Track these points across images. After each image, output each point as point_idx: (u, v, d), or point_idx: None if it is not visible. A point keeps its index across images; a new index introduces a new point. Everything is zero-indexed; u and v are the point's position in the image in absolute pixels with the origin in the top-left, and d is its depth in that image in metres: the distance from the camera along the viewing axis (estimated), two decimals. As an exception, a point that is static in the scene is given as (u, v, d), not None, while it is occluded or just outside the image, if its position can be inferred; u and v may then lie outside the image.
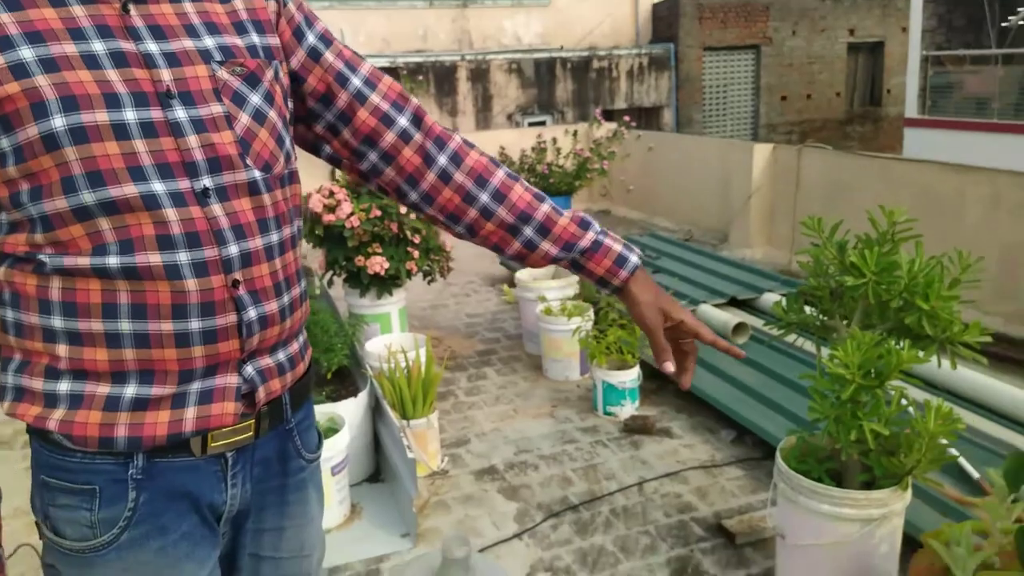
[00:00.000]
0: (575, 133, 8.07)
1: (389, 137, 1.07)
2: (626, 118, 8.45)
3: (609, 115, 10.30)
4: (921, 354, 2.05)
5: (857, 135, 13.73)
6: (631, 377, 3.27)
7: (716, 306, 4.19)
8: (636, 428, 3.12)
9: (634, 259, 1.15)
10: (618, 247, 1.15)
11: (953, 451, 2.44)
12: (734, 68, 13.29)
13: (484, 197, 1.11)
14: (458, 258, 4.81)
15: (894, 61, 12.85)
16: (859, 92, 14.08)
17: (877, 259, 2.06)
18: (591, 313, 3.66)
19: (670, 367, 1.16)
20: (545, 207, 1.13)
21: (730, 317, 3.89)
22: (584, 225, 1.15)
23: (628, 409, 3.27)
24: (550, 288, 4.00)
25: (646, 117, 12.32)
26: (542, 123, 10.92)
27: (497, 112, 11.34)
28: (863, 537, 1.91)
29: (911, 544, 1.87)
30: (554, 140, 7.81)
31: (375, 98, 1.06)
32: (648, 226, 7.42)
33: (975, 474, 2.42)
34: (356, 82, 1.05)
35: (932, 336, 2.05)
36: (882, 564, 1.93)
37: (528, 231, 1.13)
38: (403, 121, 1.07)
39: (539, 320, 3.77)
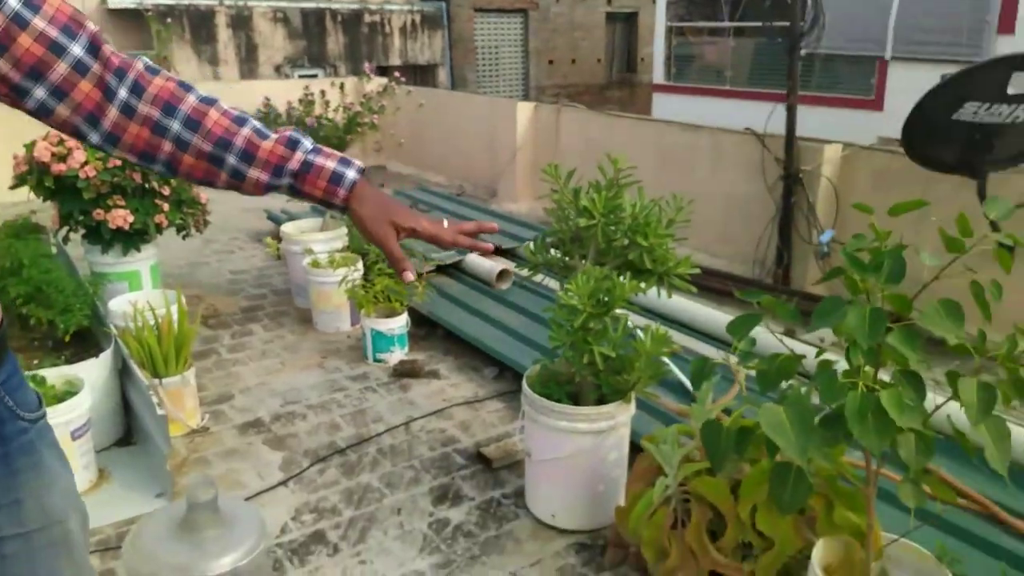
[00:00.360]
0: (342, 86, 7.89)
1: (60, 69, 0.92)
2: (397, 74, 8.41)
3: (385, 72, 10.16)
4: (643, 285, 2.33)
5: (616, 99, 14.80)
6: (400, 324, 3.35)
7: (483, 255, 4.38)
8: (405, 372, 3.21)
9: (351, 174, 1.07)
10: (331, 164, 1.07)
11: (673, 367, 2.80)
12: (504, 30, 13.67)
13: (175, 126, 0.99)
14: (220, 212, 4.57)
15: (646, 31, 13.96)
16: (617, 59, 15.13)
17: (605, 202, 2.29)
18: (359, 264, 3.68)
19: (410, 276, 1.13)
20: (246, 130, 1.03)
21: (494, 264, 4.10)
22: (292, 144, 1.05)
23: (397, 355, 3.35)
24: (317, 240, 3.94)
25: (422, 75, 12.32)
26: (314, 76, 10.52)
27: (263, 62, 10.74)
28: (595, 447, 2.16)
29: (637, 449, 2.14)
30: (323, 93, 7.59)
31: (39, 22, 0.89)
32: (421, 181, 7.50)
33: (689, 385, 2.80)
34: (12, 2, 0.88)
35: (652, 270, 2.33)
36: (612, 469, 2.19)
37: (231, 159, 1.02)
38: (77, 50, 0.92)
39: (307, 273, 3.71)
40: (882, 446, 1.45)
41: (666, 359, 2.78)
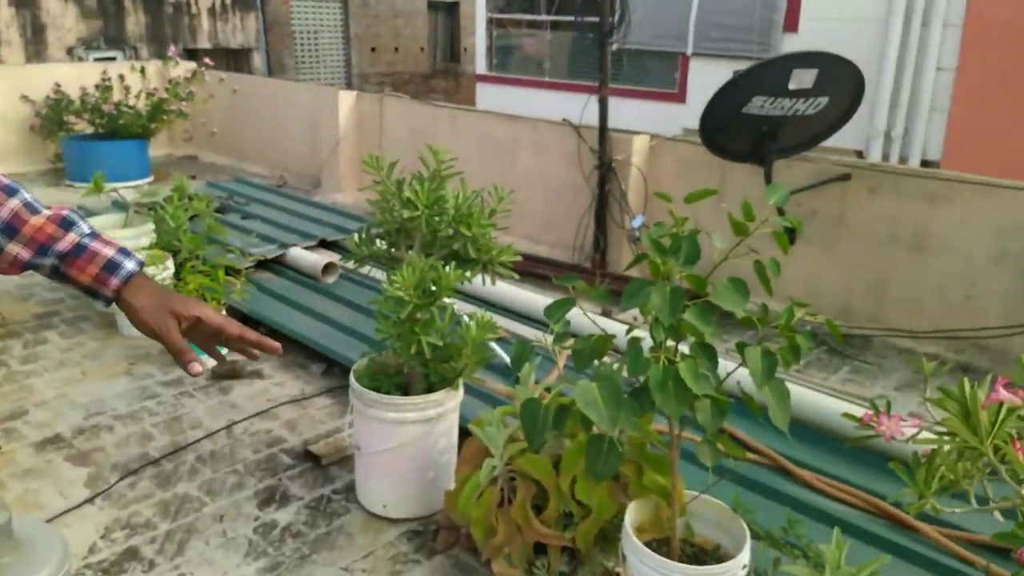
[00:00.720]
0: (143, 70, 7.30)
1: None
2: (207, 59, 7.91)
3: (193, 55, 9.50)
4: (468, 274, 2.37)
5: (441, 88, 14.83)
6: (217, 324, 3.18)
7: (307, 248, 4.25)
8: (224, 374, 3.05)
9: (130, 265, 1.01)
10: (109, 251, 1.00)
11: (499, 351, 2.87)
12: (323, 15, 13.25)
13: None
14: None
15: (468, 21, 14.08)
16: (441, 48, 15.16)
17: (428, 194, 2.30)
18: (169, 262, 3.44)
19: (196, 368, 1.05)
20: (14, 202, 0.95)
21: (320, 258, 3.99)
22: (66, 224, 0.97)
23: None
24: (120, 239, 3.63)
25: (235, 60, 11.66)
26: (112, 59, 9.64)
27: (53, 44, 9.70)
28: (425, 435, 2.17)
29: (466, 434, 2.17)
30: (122, 78, 6.97)
31: None
32: (238, 172, 7.13)
33: (518, 372, 2.89)
34: None
35: (476, 259, 2.38)
36: (442, 455, 2.22)
37: None
38: None
39: (109, 273, 3.41)
40: (681, 412, 1.58)
41: (492, 344, 2.85)
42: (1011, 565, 1.97)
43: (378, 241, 2.48)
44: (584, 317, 1.98)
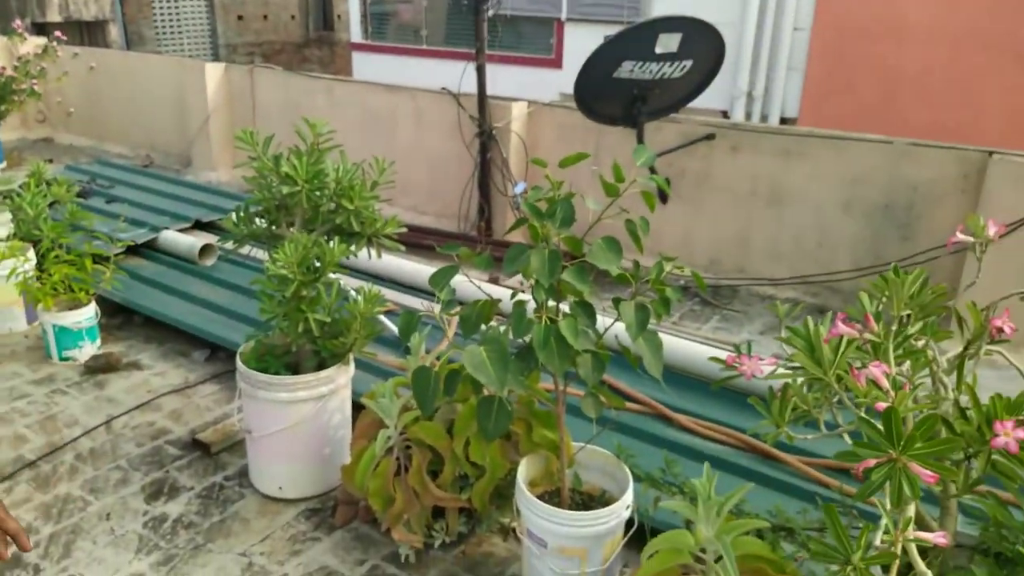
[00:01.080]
0: (-15, 46, 6.69)
1: None
2: (58, 33, 7.31)
3: (43, 30, 8.75)
4: (353, 248, 2.36)
5: (316, 58, 14.33)
6: (87, 316, 3.02)
7: (181, 231, 4.08)
8: (100, 368, 2.91)
9: None
10: None
11: (388, 324, 2.88)
12: (183, -18, 12.47)
13: None
14: None
15: (340, -12, 13.60)
16: (313, 16, 14.60)
17: (307, 168, 2.27)
18: (31, 253, 3.22)
19: (27, 547, 1.16)
20: None
21: (196, 240, 3.84)
22: None
23: (88, 350, 3.02)
24: (-31, 230, 3.36)
25: (89, 33, 10.83)
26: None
27: None
28: (318, 412, 2.17)
29: (360, 408, 2.18)
30: (-42, 54, 6.35)
31: None
32: (98, 153, 6.69)
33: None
34: None
35: (361, 232, 2.37)
36: (336, 431, 2.22)
37: None
38: None
39: (-41, 269, 3.16)
40: (564, 368, 1.66)
41: (382, 317, 2.85)
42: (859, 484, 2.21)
43: (257, 219, 2.42)
44: (471, 285, 2.03)
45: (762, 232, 4.02)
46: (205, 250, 3.78)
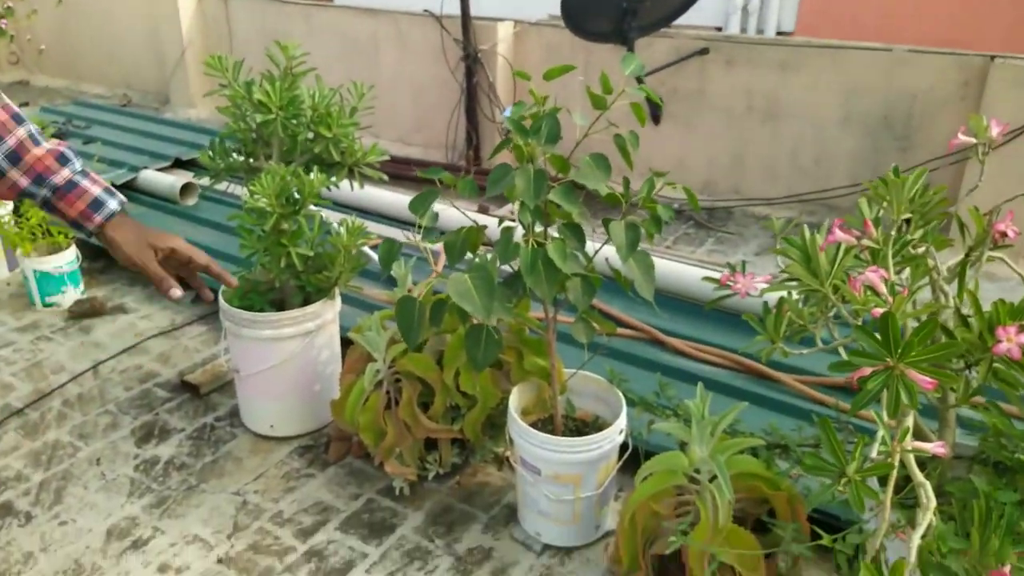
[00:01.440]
0: (-54, -16, 6.41)
1: None
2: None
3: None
4: (334, 179, 2.28)
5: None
6: (68, 260, 2.94)
7: (161, 170, 3.97)
8: (84, 312, 2.86)
9: (113, 205, 1.12)
10: (96, 190, 1.10)
11: (376, 257, 2.81)
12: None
13: None
14: None
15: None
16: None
17: (280, 94, 2.16)
18: (3, 198, 3.12)
19: (177, 293, 1.23)
20: (21, 131, 1.02)
21: (176, 179, 3.74)
22: (62, 160, 1.06)
23: (72, 295, 2.96)
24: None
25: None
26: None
27: None
28: (306, 349, 2.12)
29: (348, 344, 2.14)
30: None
31: None
32: (75, 94, 6.49)
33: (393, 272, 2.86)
34: None
35: (341, 162, 2.28)
36: (325, 367, 2.18)
37: None
38: None
39: (-68, 217, 3.07)
40: (553, 294, 1.60)
41: (367, 250, 2.78)
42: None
43: (235, 153, 2.34)
44: (456, 213, 1.95)
45: (758, 151, 3.92)
46: (186, 189, 3.68)
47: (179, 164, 4.12)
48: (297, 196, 2.13)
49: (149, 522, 1.91)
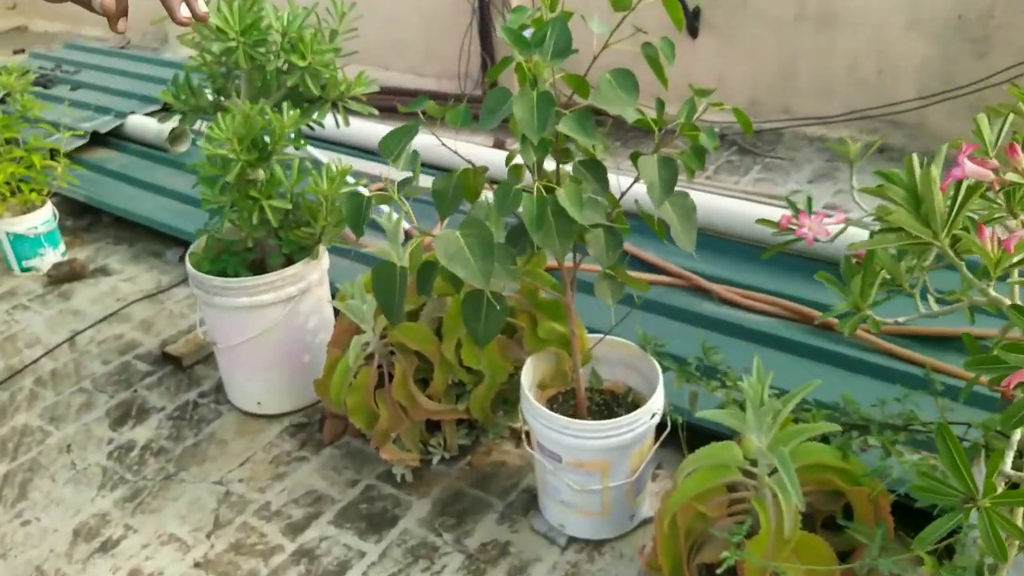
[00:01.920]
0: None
1: None
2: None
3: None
4: (316, 116, 1.96)
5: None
6: (43, 220, 2.68)
7: (150, 115, 3.66)
8: (64, 276, 2.61)
9: None
10: None
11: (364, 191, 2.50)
12: None
13: None
14: None
15: None
16: None
17: (241, 17, 1.83)
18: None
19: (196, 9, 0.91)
20: None
21: (163, 125, 3.42)
22: None
23: (51, 257, 2.71)
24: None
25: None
26: None
27: None
28: (290, 316, 1.84)
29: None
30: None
31: None
32: (74, 38, 6.17)
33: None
34: None
35: (323, 96, 1.95)
36: (315, 335, 1.90)
37: None
38: None
39: (-99, 178, 2.83)
40: (566, 250, 1.28)
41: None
42: (950, 356, 1.84)
43: (206, 91, 2.03)
44: (447, 151, 1.61)
45: (810, 63, 3.46)
46: (176, 136, 3.38)
47: (167, 109, 3.80)
48: (267, 139, 1.82)
49: (121, 519, 1.68)
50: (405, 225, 2.12)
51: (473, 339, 1.34)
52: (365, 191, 1.47)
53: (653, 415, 1.42)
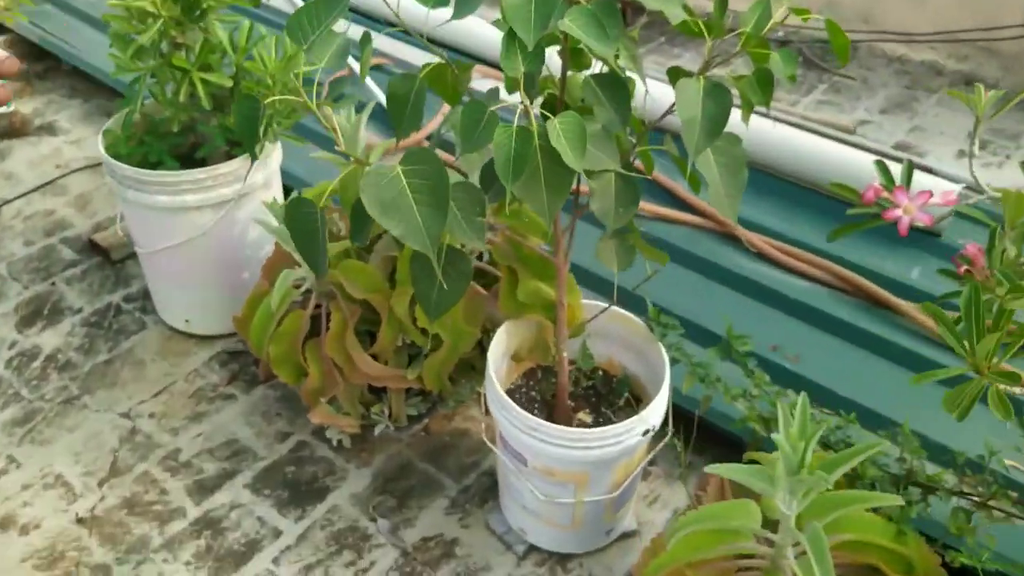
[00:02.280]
0: None
1: None
2: None
3: None
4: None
5: None
6: (-18, 61, 2.30)
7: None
8: (4, 132, 2.26)
9: None
10: None
11: (376, 90, 2.08)
12: None
13: None
14: None
15: None
16: None
17: None
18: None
19: None
20: None
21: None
22: None
23: (-5, 108, 2.35)
24: None
25: None
26: None
27: None
28: (226, 224, 1.49)
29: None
30: None
31: None
32: None
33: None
34: None
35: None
36: (257, 250, 1.56)
37: None
38: None
39: None
40: (557, 207, 0.91)
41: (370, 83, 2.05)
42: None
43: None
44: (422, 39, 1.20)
45: (903, -38, 2.88)
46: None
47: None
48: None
49: (5, 447, 1.42)
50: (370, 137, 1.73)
51: (424, 309, 1.00)
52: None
53: (647, 431, 1.09)
